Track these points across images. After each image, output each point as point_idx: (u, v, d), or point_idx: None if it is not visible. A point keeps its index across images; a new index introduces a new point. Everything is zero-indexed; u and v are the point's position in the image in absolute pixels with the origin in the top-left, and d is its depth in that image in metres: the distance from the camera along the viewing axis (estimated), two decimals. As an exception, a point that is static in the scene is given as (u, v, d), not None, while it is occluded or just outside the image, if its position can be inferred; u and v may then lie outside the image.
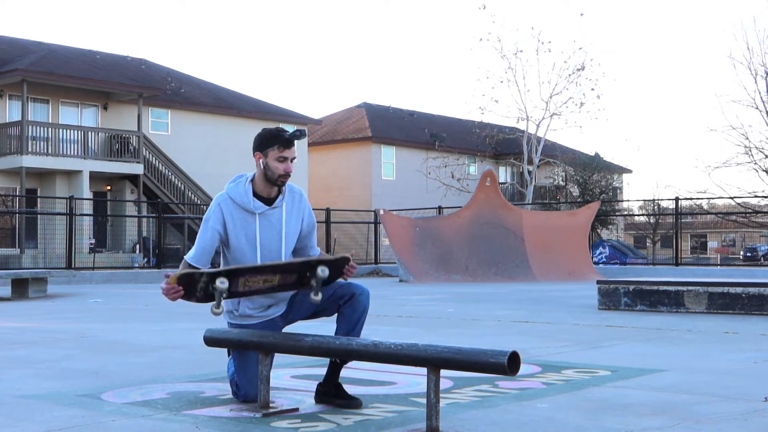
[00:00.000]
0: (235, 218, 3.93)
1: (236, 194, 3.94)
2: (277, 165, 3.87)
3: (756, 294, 9.04)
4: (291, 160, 3.90)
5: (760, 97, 28.92)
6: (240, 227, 3.93)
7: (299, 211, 4.03)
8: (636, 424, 3.53)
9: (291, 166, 3.90)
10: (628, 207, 48.73)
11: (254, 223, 3.94)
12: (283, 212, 3.97)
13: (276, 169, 3.87)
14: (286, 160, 3.88)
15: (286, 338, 3.80)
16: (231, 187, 3.99)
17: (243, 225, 3.93)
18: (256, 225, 3.93)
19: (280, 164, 3.87)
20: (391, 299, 12.40)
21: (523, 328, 7.80)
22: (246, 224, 3.94)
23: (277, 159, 3.87)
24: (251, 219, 3.94)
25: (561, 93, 34.71)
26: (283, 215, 3.97)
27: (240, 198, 3.93)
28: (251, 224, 3.94)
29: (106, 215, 28.31)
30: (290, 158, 3.89)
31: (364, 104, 42.66)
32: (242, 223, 3.93)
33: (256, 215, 3.93)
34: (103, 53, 33.75)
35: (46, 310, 10.67)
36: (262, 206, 3.94)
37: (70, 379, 4.79)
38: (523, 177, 36.81)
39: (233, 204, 3.93)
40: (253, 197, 3.94)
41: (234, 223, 3.93)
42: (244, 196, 3.93)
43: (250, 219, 3.94)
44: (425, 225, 19.98)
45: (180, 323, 8.41)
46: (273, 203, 3.97)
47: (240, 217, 3.93)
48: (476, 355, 3.20)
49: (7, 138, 26.55)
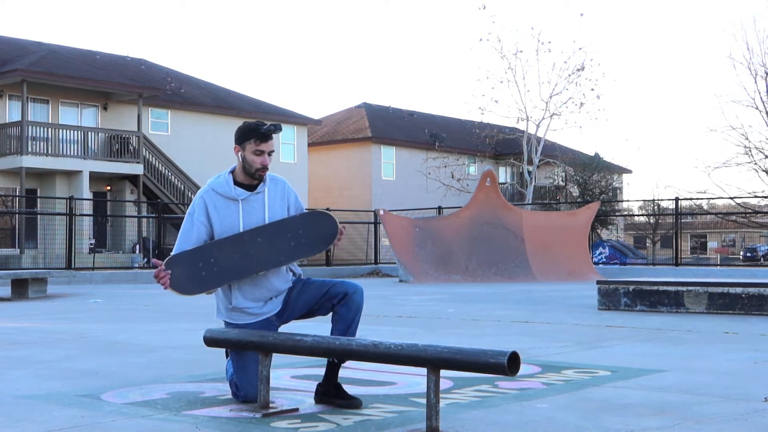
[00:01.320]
0: (218, 207, 4.00)
1: (217, 185, 4.03)
2: (254, 158, 3.95)
3: (756, 294, 9.04)
4: (269, 154, 3.97)
5: (760, 97, 28.92)
6: (224, 215, 4.00)
7: (283, 196, 4.08)
8: (636, 425, 3.53)
9: (268, 159, 3.97)
10: (628, 207, 48.79)
11: (237, 210, 4.00)
12: (265, 197, 4.03)
13: (253, 162, 3.95)
14: (263, 154, 3.95)
15: (285, 338, 3.80)
16: (212, 180, 4.10)
17: (227, 213, 4.00)
18: (239, 211, 4.00)
19: (256, 157, 3.95)
20: (391, 299, 12.40)
21: (523, 329, 7.80)
22: (229, 211, 4.00)
23: (254, 152, 3.95)
24: (234, 206, 4.01)
25: (561, 93, 34.73)
26: (266, 200, 4.03)
27: (221, 188, 4.01)
28: (234, 211, 4.00)
29: (106, 215, 28.31)
30: (267, 151, 3.96)
31: (364, 104, 42.67)
32: (226, 211, 4.00)
33: (239, 201, 4.00)
34: (103, 53, 33.76)
35: (46, 310, 10.67)
36: (244, 192, 4.01)
37: (69, 380, 4.79)
38: (523, 177, 36.82)
39: (215, 194, 4.01)
40: (235, 185, 4.00)
41: (218, 212, 4.00)
42: (226, 185, 4.01)
43: (233, 206, 4.01)
44: (425, 225, 19.98)
45: (180, 323, 8.41)
46: (255, 189, 4.03)
47: (223, 206, 4.00)
48: (476, 356, 3.20)
49: (7, 138, 26.55)
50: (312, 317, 4.12)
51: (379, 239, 25.78)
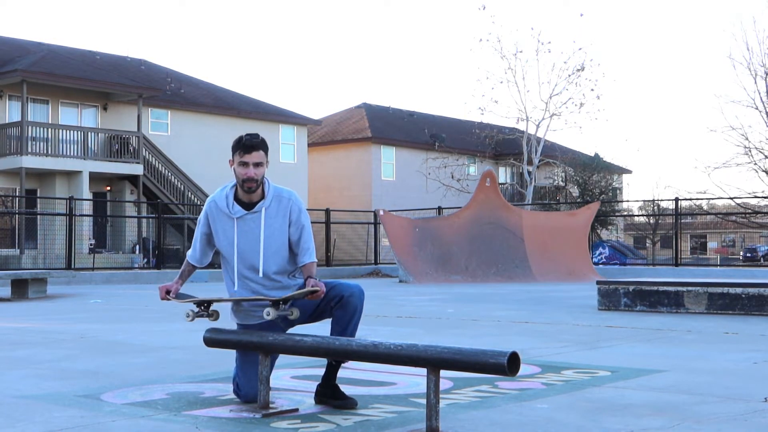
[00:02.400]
0: (217, 222, 4.06)
1: (219, 198, 4.06)
2: (240, 170, 3.95)
3: (756, 294, 9.04)
4: (254, 165, 3.92)
5: (760, 97, 28.90)
6: (221, 231, 4.04)
7: (285, 214, 4.03)
8: (636, 425, 3.53)
9: (252, 171, 3.92)
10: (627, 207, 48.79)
11: (233, 228, 4.01)
12: (262, 217, 4.00)
13: (239, 175, 3.96)
14: (246, 165, 3.93)
15: (286, 339, 3.80)
16: (217, 192, 4.12)
17: (224, 229, 4.04)
18: (234, 230, 4.01)
19: (241, 169, 3.94)
20: (391, 300, 12.40)
21: (523, 329, 7.80)
22: (226, 228, 4.04)
23: (239, 164, 3.95)
24: (230, 224, 4.03)
25: (561, 93, 34.71)
26: (262, 220, 4.00)
27: (221, 202, 4.04)
28: (230, 229, 4.03)
29: (106, 216, 28.29)
30: (252, 163, 3.92)
31: (363, 105, 42.66)
32: (223, 227, 4.04)
33: (234, 220, 4.01)
34: (103, 54, 33.75)
35: (46, 310, 10.67)
36: (240, 211, 4.00)
37: (69, 380, 4.79)
38: (523, 177, 36.81)
39: (217, 208, 4.05)
40: (234, 202, 4.01)
41: (216, 227, 4.07)
42: (224, 201, 4.03)
43: (229, 223, 4.03)
44: (425, 225, 19.98)
45: (180, 324, 8.40)
46: (253, 208, 4.00)
47: (221, 221, 4.05)
48: (476, 356, 3.20)
49: (7, 138, 26.53)
50: (318, 321, 4.10)
51: (379, 240, 25.78)
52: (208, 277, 19.72)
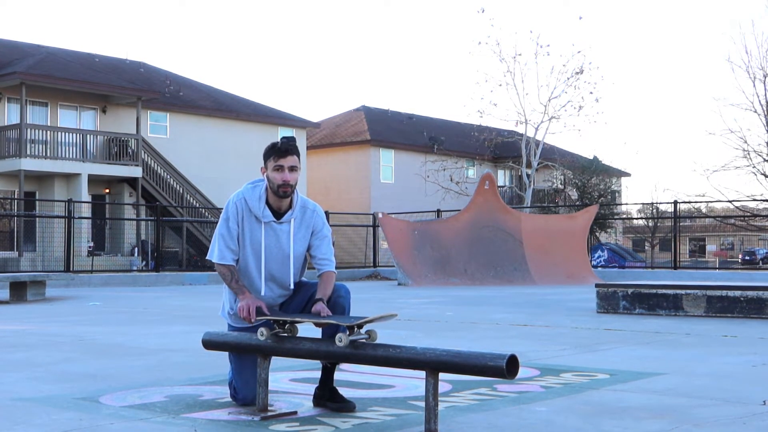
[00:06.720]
0: (245, 220, 3.98)
1: (251, 197, 3.98)
2: (275, 175, 3.90)
3: (754, 297, 9.05)
4: (289, 170, 3.90)
5: (759, 100, 28.91)
6: (248, 231, 3.97)
7: (309, 225, 4.02)
8: (634, 428, 3.53)
9: (288, 175, 3.89)
10: (626, 210, 48.76)
11: (260, 231, 3.96)
12: (291, 227, 3.98)
13: (275, 180, 3.90)
14: (282, 169, 3.89)
15: (284, 341, 3.80)
16: (249, 188, 4.03)
17: (250, 229, 3.97)
18: (261, 234, 3.96)
19: (276, 174, 3.90)
20: (390, 302, 12.40)
21: (522, 332, 7.80)
22: (253, 230, 3.97)
23: (274, 169, 3.90)
24: (258, 226, 3.97)
25: (560, 96, 34.69)
26: (291, 231, 3.98)
27: (253, 201, 3.96)
28: (257, 231, 3.97)
29: (105, 218, 28.29)
30: (287, 167, 3.89)
31: (362, 107, 42.67)
32: (250, 227, 3.97)
33: (262, 223, 3.96)
34: (102, 56, 33.75)
35: (45, 313, 10.66)
36: (269, 216, 3.96)
37: (68, 383, 4.78)
38: (522, 180, 36.81)
39: (246, 206, 3.97)
40: (266, 205, 3.97)
41: (243, 225, 3.98)
42: (257, 201, 3.96)
43: (257, 226, 3.97)
44: (424, 228, 19.97)
45: (178, 326, 8.40)
46: (281, 218, 3.98)
47: (249, 221, 3.97)
48: (475, 359, 3.20)
49: (6, 141, 26.54)
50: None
51: (378, 242, 25.76)
52: (207, 279, 19.71)
